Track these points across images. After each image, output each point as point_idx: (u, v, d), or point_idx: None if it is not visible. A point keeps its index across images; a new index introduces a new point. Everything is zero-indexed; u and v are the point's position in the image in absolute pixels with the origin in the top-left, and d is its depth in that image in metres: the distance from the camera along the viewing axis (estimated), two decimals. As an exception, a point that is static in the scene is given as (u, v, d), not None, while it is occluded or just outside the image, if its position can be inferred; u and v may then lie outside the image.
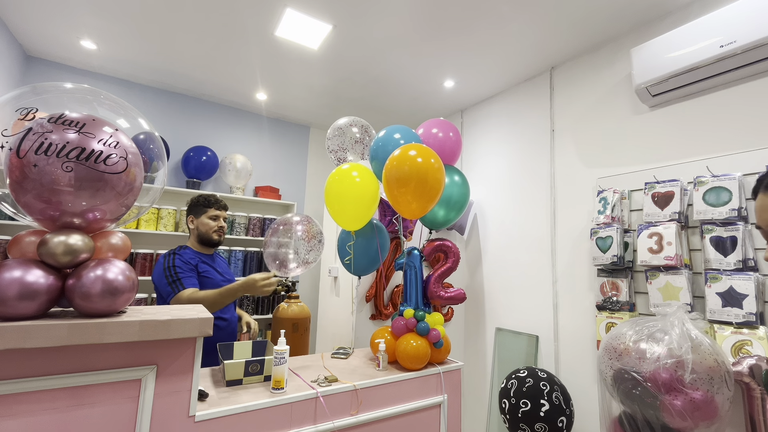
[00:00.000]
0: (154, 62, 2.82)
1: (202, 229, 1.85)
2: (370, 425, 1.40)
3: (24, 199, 0.87)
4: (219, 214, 1.88)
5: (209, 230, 1.86)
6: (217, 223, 1.88)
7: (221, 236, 1.90)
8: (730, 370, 1.13)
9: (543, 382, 1.92)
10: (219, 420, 1.11)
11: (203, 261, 1.84)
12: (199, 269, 1.78)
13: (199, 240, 1.87)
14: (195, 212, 1.87)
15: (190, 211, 1.88)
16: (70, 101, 1.02)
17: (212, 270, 1.84)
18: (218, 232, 1.88)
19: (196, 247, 1.88)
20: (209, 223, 1.86)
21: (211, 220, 1.86)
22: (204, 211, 1.86)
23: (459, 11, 2.10)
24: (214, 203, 1.88)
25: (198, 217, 1.86)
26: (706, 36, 1.71)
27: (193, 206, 1.88)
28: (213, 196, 1.91)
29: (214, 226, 1.87)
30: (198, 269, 1.78)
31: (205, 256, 1.88)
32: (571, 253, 2.37)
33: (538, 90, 2.74)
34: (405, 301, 1.73)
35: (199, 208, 1.87)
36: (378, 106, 3.42)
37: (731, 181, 1.65)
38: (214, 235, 1.87)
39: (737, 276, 1.58)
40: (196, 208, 1.87)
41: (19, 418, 0.85)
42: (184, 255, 1.79)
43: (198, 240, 1.87)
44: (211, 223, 1.86)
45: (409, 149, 1.55)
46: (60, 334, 0.85)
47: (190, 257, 1.79)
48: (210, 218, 1.86)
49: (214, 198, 1.90)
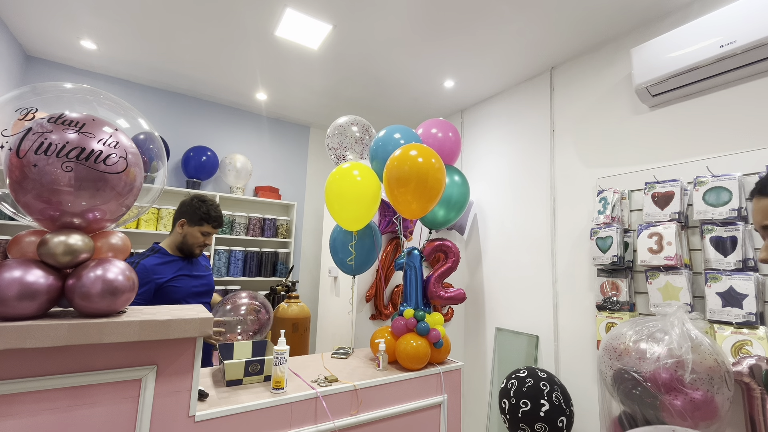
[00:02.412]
0: (154, 62, 2.82)
1: (189, 240, 1.73)
2: (370, 425, 1.40)
3: (24, 199, 0.87)
4: (212, 232, 1.77)
5: (195, 243, 1.74)
6: (206, 239, 1.76)
7: (201, 252, 1.80)
8: (730, 370, 1.13)
9: (543, 382, 1.92)
10: (219, 420, 1.11)
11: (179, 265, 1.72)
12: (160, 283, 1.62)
13: (180, 246, 1.74)
14: (190, 219, 1.73)
15: (184, 215, 1.73)
16: (70, 101, 1.02)
17: (186, 278, 1.70)
18: (201, 248, 1.77)
19: (172, 249, 1.74)
20: (198, 237, 1.74)
21: (201, 235, 1.74)
22: (200, 223, 1.73)
23: (459, 11, 2.10)
24: (213, 220, 1.75)
25: (191, 226, 1.73)
26: (706, 36, 1.71)
27: (191, 212, 1.73)
28: (215, 212, 1.77)
29: (201, 241, 1.75)
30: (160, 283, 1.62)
31: (182, 260, 1.75)
32: (571, 253, 2.37)
33: (538, 90, 2.73)
34: (405, 301, 1.73)
35: (197, 219, 1.72)
36: (378, 106, 3.42)
37: (731, 181, 1.65)
38: (197, 249, 1.76)
39: (737, 276, 1.57)
40: (193, 216, 1.72)
41: (19, 418, 0.85)
42: (149, 267, 1.62)
43: (178, 246, 1.74)
44: (200, 237, 1.74)
45: (409, 149, 1.55)
46: (60, 334, 0.85)
47: (155, 271, 1.62)
48: (201, 233, 1.74)
49: (215, 215, 1.76)
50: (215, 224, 1.76)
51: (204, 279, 1.80)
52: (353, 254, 1.83)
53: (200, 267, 1.83)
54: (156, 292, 1.61)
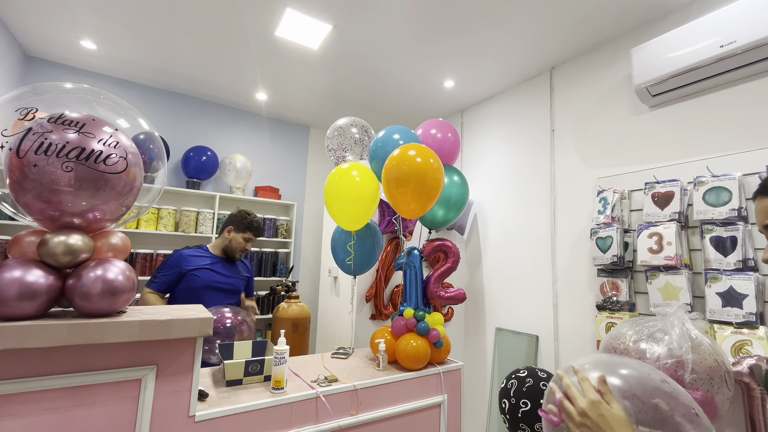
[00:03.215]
0: (154, 62, 2.82)
1: (234, 244, 2.06)
2: (370, 425, 1.40)
3: (24, 199, 0.87)
4: (253, 239, 2.10)
5: (237, 247, 2.06)
6: (247, 245, 2.09)
7: (241, 256, 2.13)
8: (730, 370, 1.13)
9: (543, 382, 1.91)
10: (219, 420, 1.11)
11: (210, 261, 2.01)
12: (186, 270, 1.93)
13: (224, 250, 2.07)
14: (237, 227, 2.07)
15: (232, 222, 2.08)
16: (70, 101, 1.02)
17: (210, 272, 1.98)
18: (242, 253, 2.10)
19: (216, 251, 2.08)
20: (241, 243, 2.07)
21: (244, 241, 2.07)
22: (244, 231, 2.07)
23: (459, 11, 2.09)
24: (255, 229, 2.10)
25: (237, 232, 2.07)
26: (706, 36, 1.71)
27: (239, 221, 2.08)
28: (257, 223, 2.12)
29: (243, 246, 2.08)
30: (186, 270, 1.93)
31: (220, 259, 2.06)
32: (571, 253, 2.37)
33: (538, 90, 2.73)
34: (405, 301, 1.73)
35: (243, 227, 2.07)
36: (378, 106, 3.42)
37: (731, 181, 1.65)
38: (239, 254, 2.09)
39: (737, 276, 1.57)
40: (240, 224, 2.07)
41: (19, 418, 0.85)
42: (184, 256, 1.97)
43: (223, 249, 2.08)
44: (242, 243, 2.07)
45: (408, 149, 1.55)
46: (60, 334, 0.85)
47: (187, 260, 1.95)
48: (244, 239, 2.07)
49: (257, 225, 2.11)
50: (256, 233, 2.12)
51: (231, 279, 2.06)
52: (352, 254, 1.83)
53: (234, 269, 2.11)
54: (181, 278, 1.92)
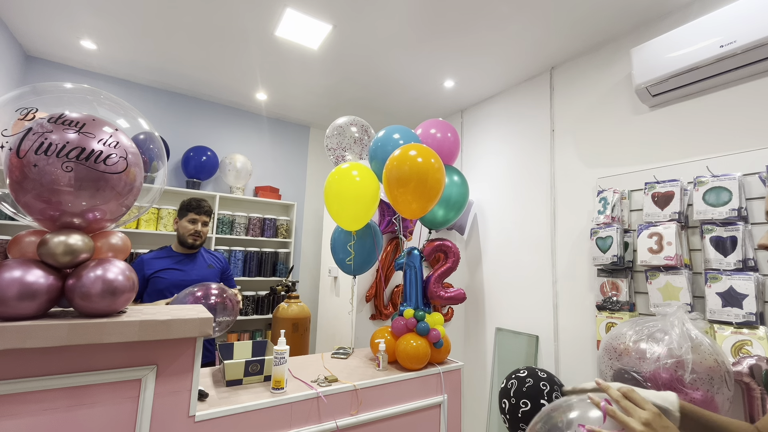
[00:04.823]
0: (154, 62, 2.82)
1: (180, 231, 1.95)
2: (370, 425, 1.40)
3: (24, 199, 0.87)
4: (196, 218, 1.95)
5: (185, 233, 1.94)
6: (194, 227, 1.95)
7: (196, 240, 1.96)
8: (730, 370, 1.13)
9: (543, 382, 1.92)
10: (219, 420, 1.11)
11: (174, 260, 1.93)
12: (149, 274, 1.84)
13: (178, 240, 1.97)
14: (179, 214, 1.98)
15: (178, 213, 1.99)
16: (70, 101, 1.02)
17: (175, 271, 1.89)
18: (193, 236, 1.95)
19: (176, 246, 1.99)
20: (186, 227, 1.94)
21: (188, 224, 1.94)
22: (185, 214, 1.95)
23: (459, 11, 2.09)
24: (194, 208, 1.95)
25: (181, 219, 1.96)
26: (706, 36, 1.71)
27: (180, 209, 1.98)
28: (194, 200, 1.98)
29: (191, 229, 1.94)
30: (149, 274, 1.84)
31: (183, 256, 1.96)
32: (571, 253, 2.37)
33: (538, 90, 2.73)
34: (405, 301, 1.73)
35: (182, 211, 1.96)
36: (378, 106, 3.42)
37: (731, 181, 1.65)
38: (189, 238, 1.94)
39: (737, 276, 1.57)
40: (180, 211, 1.98)
41: (19, 418, 0.85)
42: (145, 260, 1.89)
43: (178, 240, 1.98)
44: (188, 226, 1.94)
45: (409, 149, 1.55)
46: (60, 334, 0.85)
47: (149, 264, 1.87)
48: (188, 221, 1.94)
49: (195, 202, 1.97)
50: (197, 210, 1.96)
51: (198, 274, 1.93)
52: (352, 254, 1.83)
53: (199, 264, 1.99)
54: (147, 282, 1.84)
